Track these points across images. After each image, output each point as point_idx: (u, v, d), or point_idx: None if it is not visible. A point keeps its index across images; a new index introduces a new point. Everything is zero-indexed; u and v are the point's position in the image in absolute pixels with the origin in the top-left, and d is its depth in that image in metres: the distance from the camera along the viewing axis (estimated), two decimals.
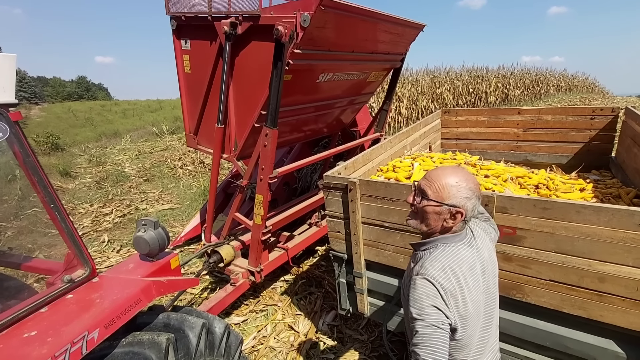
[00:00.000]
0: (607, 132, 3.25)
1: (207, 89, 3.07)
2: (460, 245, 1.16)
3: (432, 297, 1.06)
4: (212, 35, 2.80)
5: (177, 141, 12.01)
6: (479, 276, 1.15)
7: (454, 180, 1.13)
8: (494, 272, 1.25)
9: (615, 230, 1.37)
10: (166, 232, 1.66)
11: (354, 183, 1.98)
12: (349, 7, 2.45)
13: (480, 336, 1.18)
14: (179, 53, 3.20)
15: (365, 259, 2.17)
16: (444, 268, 1.09)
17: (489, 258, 1.23)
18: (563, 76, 19.99)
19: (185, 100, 3.36)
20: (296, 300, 3.39)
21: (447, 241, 1.16)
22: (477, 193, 1.15)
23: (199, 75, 3.11)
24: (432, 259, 1.13)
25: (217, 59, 2.88)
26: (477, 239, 1.22)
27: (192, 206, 6.06)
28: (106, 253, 4.61)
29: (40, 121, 20.79)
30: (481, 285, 1.15)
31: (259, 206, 2.80)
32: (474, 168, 2.82)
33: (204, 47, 2.95)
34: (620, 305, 1.43)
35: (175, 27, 3.10)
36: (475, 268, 1.14)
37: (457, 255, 1.13)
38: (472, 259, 1.15)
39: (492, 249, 1.28)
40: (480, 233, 1.26)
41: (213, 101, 3.08)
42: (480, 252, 1.19)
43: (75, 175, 8.70)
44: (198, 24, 2.89)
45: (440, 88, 12.64)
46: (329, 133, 4.29)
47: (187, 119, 3.42)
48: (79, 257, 1.42)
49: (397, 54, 3.75)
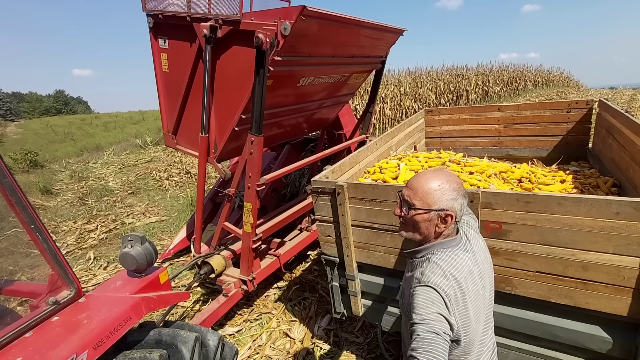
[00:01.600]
0: (583, 125, 3.37)
1: (186, 89, 3.03)
2: (457, 250, 1.14)
3: (436, 304, 1.02)
4: (191, 37, 2.76)
5: (161, 152, 11.83)
6: (477, 280, 1.13)
7: (437, 183, 1.12)
8: (489, 274, 1.23)
9: (595, 220, 1.42)
10: (153, 246, 1.63)
11: (341, 187, 1.98)
12: (329, 16, 2.47)
13: (481, 340, 1.16)
14: (156, 51, 3.14)
15: (356, 261, 2.18)
16: (445, 274, 1.07)
17: (484, 259, 1.22)
18: (539, 72, 20.67)
19: (163, 99, 3.31)
20: (290, 307, 3.37)
21: (444, 246, 1.14)
22: (462, 192, 1.14)
23: (177, 75, 3.07)
24: (431, 266, 1.10)
25: (196, 60, 2.85)
26: (472, 242, 1.21)
27: (180, 217, 5.97)
28: (92, 271, 4.48)
29: (17, 138, 20.18)
30: (480, 289, 1.14)
31: (249, 214, 2.78)
32: (459, 165, 2.87)
33: (183, 47, 2.91)
34: (604, 291, 1.48)
35: (153, 25, 3.04)
36: (474, 273, 1.12)
37: (456, 260, 1.11)
38: (469, 263, 1.13)
39: (485, 249, 1.27)
40: (472, 235, 1.25)
41: (193, 102, 3.06)
42: (475, 256, 1.17)
43: (57, 192, 8.45)
44: (176, 23, 2.83)
45: (423, 88, 12.86)
46: (312, 131, 4.33)
47: (165, 118, 3.37)
48: (64, 277, 1.38)
49: (378, 57, 3.80)
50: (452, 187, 1.12)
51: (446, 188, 1.11)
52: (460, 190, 1.14)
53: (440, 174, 1.16)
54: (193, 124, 3.09)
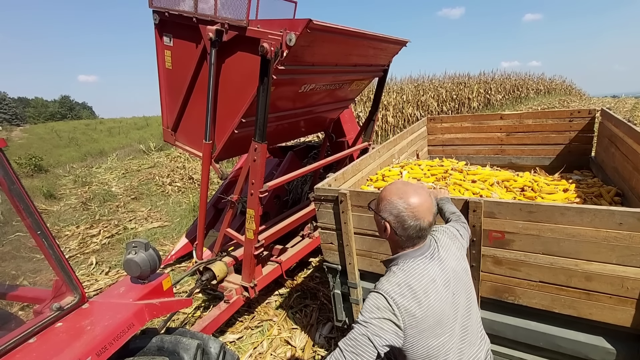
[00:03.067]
0: (585, 134, 3.37)
1: (188, 87, 3.06)
2: (420, 259, 1.14)
3: (382, 310, 1.05)
4: (196, 37, 2.79)
5: (165, 158, 11.89)
6: (440, 288, 1.11)
7: (391, 194, 1.16)
8: (464, 280, 1.22)
9: (598, 230, 1.42)
10: (157, 252, 1.64)
11: (344, 194, 1.99)
12: (334, 29, 2.51)
13: (459, 349, 1.15)
14: (160, 48, 3.16)
15: (359, 269, 2.18)
16: (399, 283, 1.09)
17: (457, 266, 1.20)
18: (541, 80, 20.72)
19: (164, 95, 3.33)
20: (291, 314, 3.35)
21: (407, 257, 1.15)
22: (416, 214, 1.11)
23: (180, 73, 3.08)
24: (389, 275, 1.14)
25: (200, 60, 2.88)
26: (441, 250, 1.20)
27: (182, 223, 5.98)
28: (94, 276, 4.49)
29: (22, 143, 20.36)
30: (446, 297, 1.12)
31: (251, 221, 2.79)
32: (461, 173, 2.88)
33: (188, 47, 2.93)
34: (608, 302, 1.47)
35: (158, 22, 3.06)
36: (436, 281, 1.12)
37: (416, 269, 1.12)
38: (433, 271, 1.13)
39: (460, 257, 1.26)
40: (445, 242, 1.25)
41: (194, 102, 3.09)
42: (443, 263, 1.17)
43: (60, 197, 8.50)
44: (182, 22, 2.84)
45: (425, 95, 12.91)
46: (311, 133, 4.39)
47: (166, 114, 3.39)
48: (68, 283, 1.39)
49: (380, 65, 3.84)
50: (405, 204, 1.12)
51: (394, 202, 1.13)
52: (415, 211, 1.12)
53: (405, 189, 1.16)
54: (193, 122, 3.12)
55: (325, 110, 3.98)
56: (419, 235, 1.15)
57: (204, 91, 2.87)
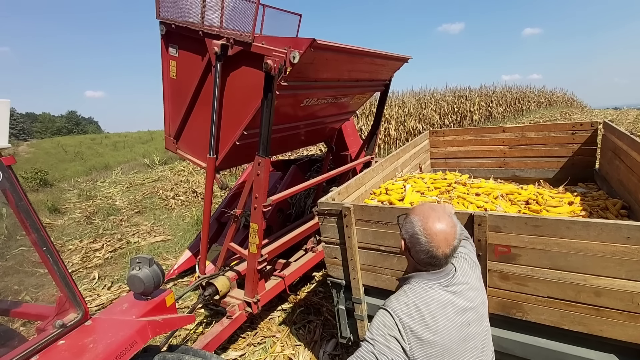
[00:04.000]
0: (588, 146, 3.37)
1: (192, 98, 3.10)
2: (433, 284, 1.13)
3: (389, 327, 1.06)
4: (202, 50, 2.84)
5: (168, 171, 11.97)
6: (452, 315, 1.09)
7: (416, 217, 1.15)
8: (481, 313, 1.19)
9: (606, 244, 1.40)
10: (161, 268, 1.64)
11: (348, 208, 1.99)
12: (337, 48, 2.56)
13: None
14: (165, 58, 3.21)
15: (363, 284, 2.15)
16: (408, 303, 1.09)
17: (476, 298, 1.18)
18: (542, 92, 20.85)
19: (167, 103, 3.37)
20: (295, 330, 3.30)
21: (421, 278, 1.14)
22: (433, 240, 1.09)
23: (184, 83, 3.13)
24: (400, 293, 1.14)
25: (205, 72, 2.93)
26: (461, 278, 1.18)
27: (185, 237, 5.97)
28: (97, 291, 4.46)
29: (29, 157, 20.61)
30: (458, 326, 1.10)
31: (254, 235, 2.78)
32: (465, 187, 2.87)
33: (193, 58, 2.98)
34: (618, 318, 1.44)
35: (165, 32, 3.11)
36: (448, 307, 1.10)
37: (427, 292, 1.10)
38: (445, 298, 1.11)
39: (479, 287, 1.23)
40: (466, 270, 1.22)
41: (198, 112, 3.14)
42: (460, 293, 1.14)
43: (65, 211, 8.54)
44: (188, 35, 2.90)
45: (427, 109, 13.01)
46: (312, 144, 4.49)
47: (168, 122, 3.42)
48: (71, 299, 1.39)
49: (382, 80, 3.89)
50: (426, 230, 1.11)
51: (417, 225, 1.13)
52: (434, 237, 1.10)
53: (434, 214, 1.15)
54: (196, 132, 3.17)
55: (326, 122, 4.03)
56: (431, 263, 1.12)
57: (207, 102, 2.92)
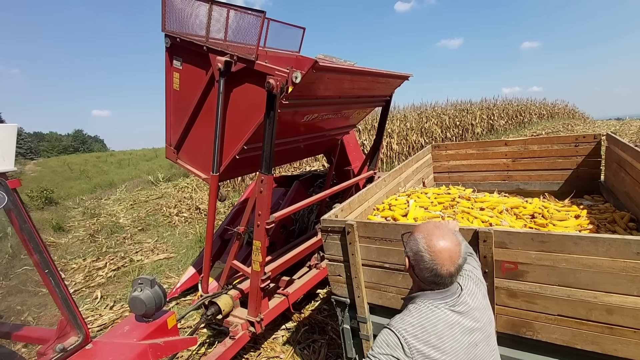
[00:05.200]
0: (592, 158, 3.34)
1: (194, 110, 3.15)
2: (439, 303, 1.11)
3: (392, 347, 1.03)
4: (205, 64, 2.89)
5: (172, 188, 12.03)
6: (459, 336, 1.07)
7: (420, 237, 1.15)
8: (488, 332, 1.17)
9: (615, 260, 1.37)
10: (163, 289, 1.62)
11: (351, 225, 1.97)
12: (338, 69, 2.62)
13: None
14: (169, 69, 3.26)
15: (368, 303, 2.11)
16: (414, 324, 1.06)
17: (482, 317, 1.16)
18: (544, 104, 20.94)
19: (169, 114, 3.41)
20: (299, 350, 3.22)
21: (427, 297, 1.13)
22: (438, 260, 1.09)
23: (187, 96, 3.18)
24: (405, 313, 1.12)
25: (207, 86, 2.98)
26: (467, 298, 1.16)
27: (189, 254, 5.94)
28: (99, 310, 4.41)
29: (35, 176, 20.85)
30: (465, 346, 1.07)
31: (257, 252, 2.76)
32: (469, 201, 2.84)
33: (197, 72, 3.03)
34: (633, 337, 1.39)
35: (170, 45, 3.17)
36: (454, 328, 1.08)
37: (433, 312, 1.08)
38: (451, 318, 1.09)
39: (485, 306, 1.21)
40: (472, 289, 1.20)
41: (200, 125, 3.19)
42: (467, 313, 1.12)
43: (69, 229, 8.56)
44: (193, 49, 2.95)
45: (428, 122, 13.08)
46: (312, 156, 4.53)
47: (169, 132, 3.45)
48: (72, 322, 1.37)
49: (383, 96, 3.94)
50: (430, 249, 1.11)
51: (422, 245, 1.12)
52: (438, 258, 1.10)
53: (438, 234, 1.15)
54: (197, 144, 3.22)
55: (327, 136, 4.07)
56: (435, 282, 1.11)
57: (208, 115, 2.97)
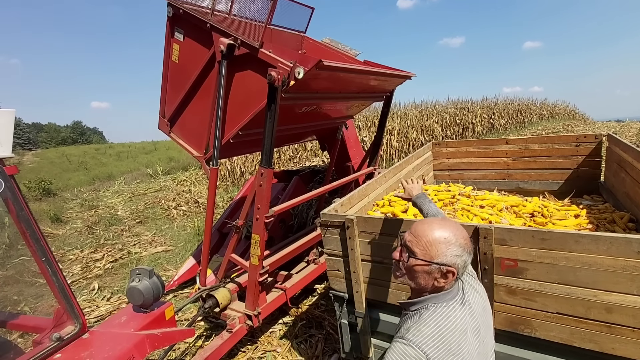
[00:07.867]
0: (593, 158, 3.34)
1: (192, 86, 3.07)
2: (452, 304, 1.06)
3: None
4: (207, 42, 2.79)
5: (171, 182, 12.00)
6: (471, 339, 1.03)
7: (443, 235, 1.05)
8: (488, 323, 1.16)
9: (616, 259, 1.36)
10: (161, 280, 1.61)
11: (351, 220, 1.97)
12: (342, 68, 2.58)
13: None
14: (168, 40, 3.14)
15: (366, 298, 2.11)
16: (433, 335, 0.98)
17: (482, 310, 1.14)
18: (544, 105, 20.93)
19: (164, 86, 3.33)
20: (296, 345, 3.23)
21: (438, 300, 1.06)
22: (468, 249, 1.06)
23: (186, 70, 3.09)
24: (420, 323, 1.02)
25: (208, 64, 2.89)
26: (468, 291, 1.14)
27: (187, 247, 5.93)
28: (96, 302, 4.41)
29: (33, 167, 20.76)
30: (476, 348, 1.05)
31: (256, 246, 2.75)
32: (469, 199, 2.84)
33: (198, 48, 2.92)
34: (631, 336, 1.39)
35: (172, 15, 3.03)
36: (468, 332, 1.03)
37: (449, 318, 1.02)
38: (465, 321, 1.04)
39: (482, 294, 1.20)
40: (469, 281, 1.19)
41: (196, 102, 3.13)
42: (472, 308, 1.10)
43: (67, 220, 8.54)
44: (196, 24, 2.84)
45: (429, 120, 13.06)
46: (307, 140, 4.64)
47: (164, 104, 3.37)
48: (69, 312, 1.36)
49: (384, 92, 3.91)
50: (458, 242, 1.04)
51: (452, 242, 1.04)
52: (466, 246, 1.06)
53: (448, 225, 1.09)
54: (192, 120, 3.19)
55: (324, 125, 4.08)
56: (460, 276, 1.07)
57: (206, 95, 2.93)
